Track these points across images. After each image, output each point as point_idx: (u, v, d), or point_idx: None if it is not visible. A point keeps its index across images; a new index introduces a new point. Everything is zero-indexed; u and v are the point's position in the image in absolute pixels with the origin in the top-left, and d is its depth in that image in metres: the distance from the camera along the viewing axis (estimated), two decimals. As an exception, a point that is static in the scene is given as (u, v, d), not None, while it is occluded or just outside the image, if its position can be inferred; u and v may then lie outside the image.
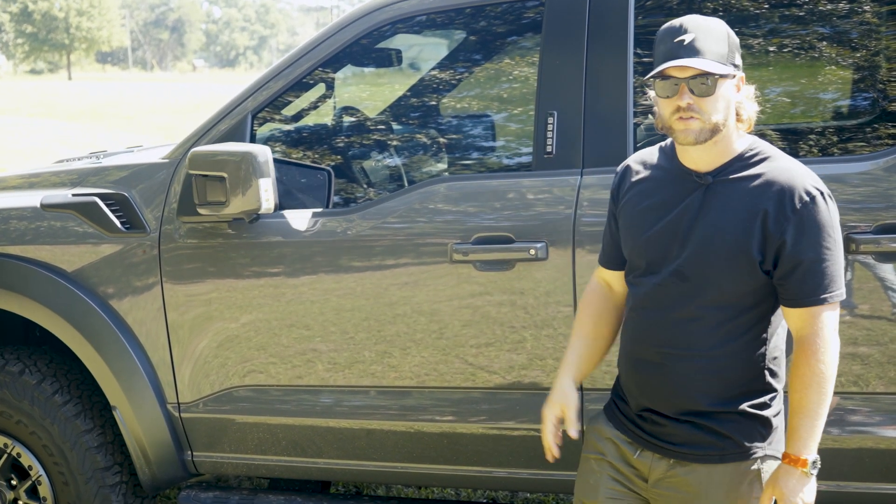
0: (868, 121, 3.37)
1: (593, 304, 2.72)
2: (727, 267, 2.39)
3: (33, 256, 3.64)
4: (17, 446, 3.72)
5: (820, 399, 2.36)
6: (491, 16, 3.61)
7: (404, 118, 4.32)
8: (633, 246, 2.54)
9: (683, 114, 2.35)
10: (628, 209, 2.56)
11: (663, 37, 2.39)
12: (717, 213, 2.40)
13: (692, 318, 2.43)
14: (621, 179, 2.61)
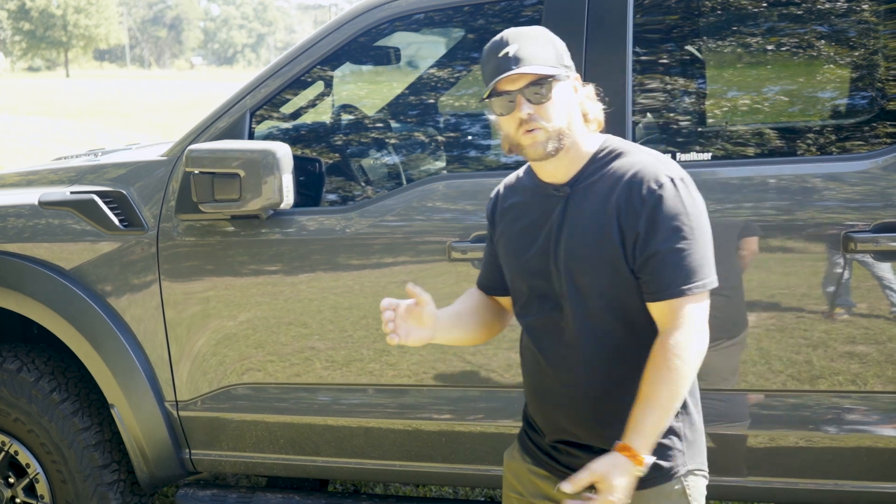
0: (866, 120, 3.37)
1: (472, 298, 2.61)
2: (600, 274, 2.29)
3: (31, 254, 3.63)
4: (15, 444, 3.71)
5: (671, 396, 2.19)
6: (489, 14, 3.60)
7: (402, 116, 4.32)
8: (512, 272, 2.47)
9: (527, 126, 2.27)
10: (504, 234, 2.49)
11: (488, 56, 2.33)
12: (575, 221, 2.33)
13: (589, 338, 2.32)
14: (494, 205, 2.55)
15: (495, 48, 2.30)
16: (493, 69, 2.29)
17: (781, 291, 3.01)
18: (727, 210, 3.04)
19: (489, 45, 2.33)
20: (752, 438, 3.08)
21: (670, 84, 3.38)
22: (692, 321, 2.23)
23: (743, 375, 3.06)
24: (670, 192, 2.24)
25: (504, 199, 2.52)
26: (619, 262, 2.27)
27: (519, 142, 2.30)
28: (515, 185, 2.52)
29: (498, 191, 2.56)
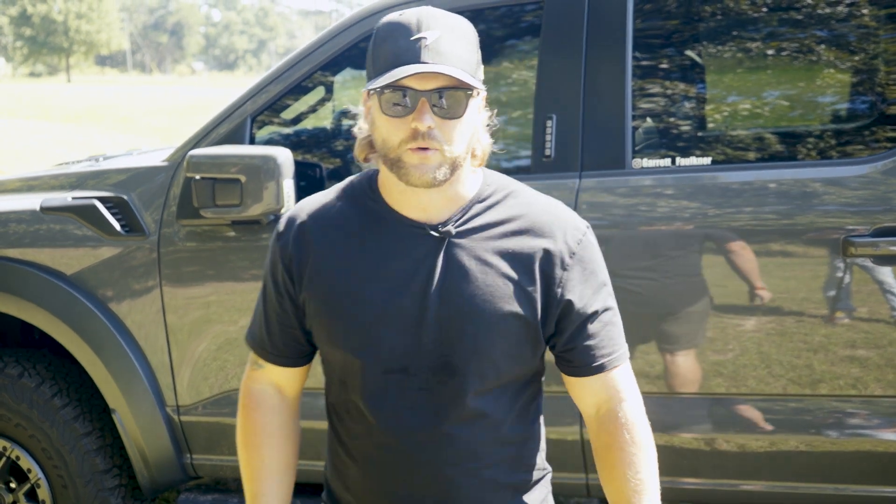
0: (866, 124, 3.37)
1: (270, 426, 2.04)
2: (501, 341, 1.85)
3: (32, 259, 3.64)
4: (16, 449, 3.71)
5: (655, 472, 1.94)
6: (489, 19, 3.61)
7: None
8: (346, 338, 1.87)
9: (421, 142, 1.75)
10: (322, 284, 1.88)
11: (391, 32, 1.77)
12: (473, 274, 1.83)
13: (475, 417, 1.87)
14: (297, 241, 1.90)
15: (405, 26, 1.76)
16: (396, 53, 1.75)
17: (782, 296, 3.01)
18: (727, 215, 3.04)
19: (394, 20, 1.79)
20: (754, 442, 3.08)
21: (670, 89, 3.38)
22: (635, 387, 1.96)
23: (743, 380, 3.06)
24: (594, 242, 1.93)
25: (317, 233, 1.89)
26: (533, 329, 1.87)
27: (400, 157, 1.77)
28: (336, 214, 1.90)
29: (301, 222, 1.92)
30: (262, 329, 2.02)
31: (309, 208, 1.94)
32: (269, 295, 1.98)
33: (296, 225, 1.92)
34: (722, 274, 3.06)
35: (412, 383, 1.86)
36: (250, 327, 2.08)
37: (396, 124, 1.77)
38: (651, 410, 3.14)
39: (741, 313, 3.05)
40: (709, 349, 3.07)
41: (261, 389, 2.05)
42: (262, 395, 2.05)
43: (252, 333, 2.06)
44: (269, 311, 1.99)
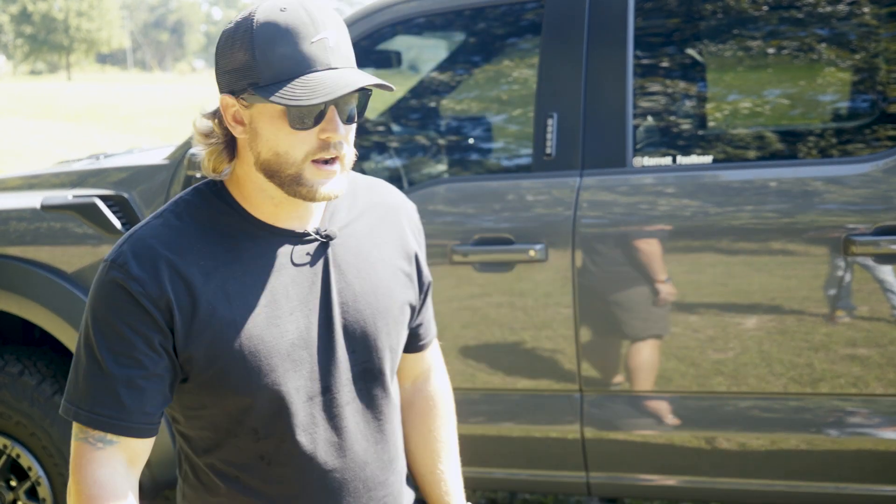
0: (867, 122, 3.37)
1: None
2: (403, 331, 1.83)
3: (33, 257, 3.64)
4: (17, 447, 3.71)
5: (456, 436, 1.95)
6: (490, 18, 3.61)
7: (404, 120, 4.32)
8: (261, 377, 1.66)
9: (330, 153, 1.62)
10: (218, 325, 1.64)
11: (288, 32, 1.57)
12: (365, 272, 1.77)
13: (393, 412, 1.84)
14: (169, 281, 1.63)
15: (302, 26, 1.58)
16: (302, 58, 1.57)
17: (782, 294, 3.01)
18: (728, 213, 3.04)
19: (285, 17, 1.58)
20: (754, 441, 3.08)
21: (671, 87, 3.38)
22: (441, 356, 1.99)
23: (744, 378, 3.06)
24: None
25: (189, 266, 1.64)
26: (412, 312, 1.86)
27: (301, 172, 1.61)
28: (199, 241, 1.67)
29: (156, 257, 1.63)
30: (114, 396, 1.62)
31: (159, 240, 1.64)
32: (125, 353, 1.62)
33: (157, 263, 1.62)
34: (722, 272, 3.06)
35: (337, 401, 1.74)
36: (80, 400, 1.65)
37: (302, 137, 1.60)
38: (651, 409, 3.15)
39: (742, 312, 3.05)
40: (709, 347, 3.07)
41: (111, 474, 1.63)
42: (116, 482, 1.63)
43: (91, 406, 1.63)
44: (132, 373, 1.62)
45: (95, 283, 1.67)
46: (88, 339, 1.66)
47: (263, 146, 1.63)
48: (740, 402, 3.09)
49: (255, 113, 1.62)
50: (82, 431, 1.65)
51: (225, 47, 1.63)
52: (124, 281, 1.62)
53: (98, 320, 1.64)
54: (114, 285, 1.63)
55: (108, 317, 1.63)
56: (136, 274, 1.61)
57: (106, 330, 1.63)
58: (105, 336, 1.63)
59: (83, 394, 1.65)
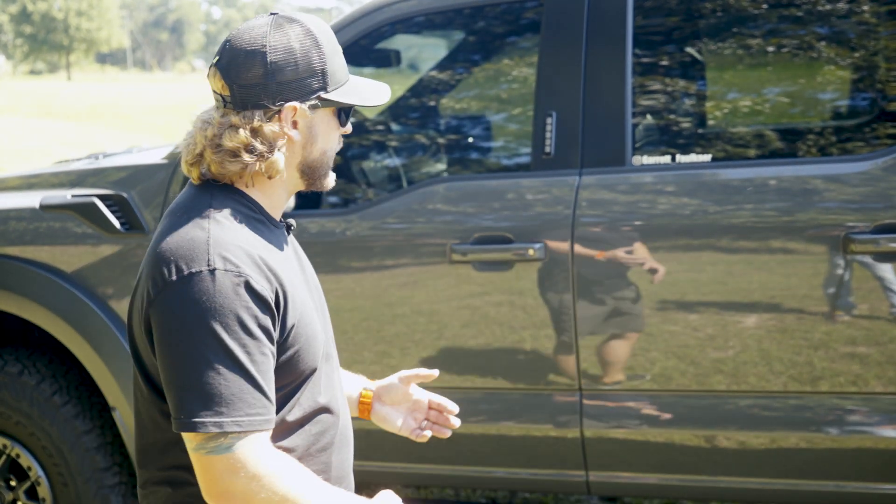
0: (867, 121, 3.37)
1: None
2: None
3: (32, 257, 3.63)
4: (17, 447, 3.71)
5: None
6: (490, 16, 3.61)
7: (403, 119, 4.32)
8: (315, 349, 1.86)
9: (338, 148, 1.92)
10: (295, 309, 1.81)
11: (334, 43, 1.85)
12: (306, 259, 2.02)
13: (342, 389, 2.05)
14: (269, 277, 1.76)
15: (334, 38, 1.86)
16: (343, 66, 1.86)
17: (782, 293, 3.01)
18: (728, 211, 3.04)
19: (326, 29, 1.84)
20: (754, 439, 3.08)
21: (670, 86, 3.38)
22: None
23: (744, 377, 3.06)
24: None
25: (268, 262, 1.78)
26: None
27: (331, 166, 1.90)
28: (254, 238, 1.80)
29: (251, 256, 1.75)
30: (261, 394, 1.71)
31: (239, 241, 1.76)
32: (261, 350, 1.72)
33: (255, 259, 1.75)
34: (722, 271, 3.06)
35: (333, 366, 1.97)
36: (228, 409, 1.68)
37: (337, 136, 1.89)
38: (650, 407, 3.15)
39: (742, 310, 3.04)
40: (709, 346, 3.06)
41: (277, 456, 1.75)
42: (280, 453, 1.76)
43: (244, 410, 1.69)
44: (267, 368, 1.73)
45: (205, 291, 1.69)
46: (214, 346, 1.68)
47: (316, 147, 1.84)
48: (740, 401, 3.09)
49: (317, 116, 1.83)
50: (226, 438, 1.68)
51: (291, 58, 1.77)
52: (245, 280, 1.71)
53: (226, 324, 1.68)
54: (235, 286, 1.69)
55: (241, 317, 1.69)
56: (249, 272, 1.71)
57: (238, 331, 1.69)
58: (238, 337, 1.69)
59: (227, 402, 1.68)
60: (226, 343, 1.68)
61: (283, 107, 1.78)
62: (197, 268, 1.70)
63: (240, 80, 1.78)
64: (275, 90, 1.77)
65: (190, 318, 1.68)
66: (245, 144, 1.78)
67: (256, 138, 1.78)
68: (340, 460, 1.95)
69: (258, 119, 1.78)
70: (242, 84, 1.78)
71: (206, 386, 1.67)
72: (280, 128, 1.79)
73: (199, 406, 1.67)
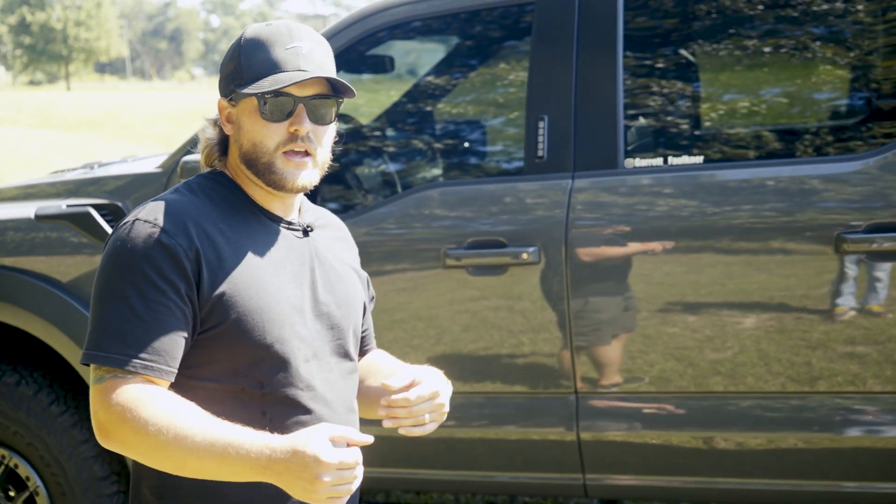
0: (861, 120, 3.37)
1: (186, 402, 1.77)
2: (358, 321, 2.06)
3: (28, 267, 3.63)
4: (15, 457, 3.71)
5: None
6: (486, 21, 3.61)
7: (399, 124, 4.33)
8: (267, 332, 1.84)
9: (298, 145, 1.86)
10: (233, 281, 1.82)
11: (264, 41, 1.86)
12: (335, 266, 2.01)
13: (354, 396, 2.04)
14: (197, 238, 1.81)
15: (278, 36, 1.87)
16: (274, 60, 1.85)
17: (780, 293, 3.01)
18: (724, 213, 3.04)
19: (264, 31, 1.88)
20: (752, 440, 3.07)
21: (662, 88, 3.38)
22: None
23: (742, 378, 3.05)
24: None
25: (209, 229, 1.84)
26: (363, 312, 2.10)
27: (273, 161, 1.86)
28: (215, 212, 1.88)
29: (183, 218, 1.82)
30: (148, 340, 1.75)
31: (181, 205, 1.84)
32: (158, 300, 1.76)
33: (184, 220, 1.81)
34: (719, 272, 3.05)
35: (325, 368, 1.94)
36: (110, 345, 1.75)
37: (273, 129, 1.86)
38: (648, 409, 3.15)
39: (739, 311, 3.04)
40: (707, 347, 3.06)
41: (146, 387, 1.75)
42: (153, 389, 1.76)
43: (124, 349, 1.74)
44: (165, 319, 1.76)
45: (120, 238, 1.81)
46: (115, 288, 1.78)
47: (244, 137, 1.89)
48: (739, 402, 3.09)
49: (240, 110, 1.89)
50: (109, 373, 1.75)
51: (224, 59, 1.94)
52: (156, 232, 1.79)
53: (128, 269, 1.78)
54: (145, 236, 1.79)
55: (141, 266, 1.77)
56: (166, 227, 1.79)
57: (137, 278, 1.77)
58: (136, 284, 1.77)
59: (114, 339, 1.76)
60: (122, 285, 1.77)
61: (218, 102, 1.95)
62: (125, 221, 1.83)
63: None
64: (220, 87, 1.94)
65: (104, 260, 1.82)
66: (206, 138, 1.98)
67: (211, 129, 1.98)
68: None
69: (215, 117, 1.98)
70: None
71: (99, 324, 1.78)
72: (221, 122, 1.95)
73: (89, 341, 1.78)
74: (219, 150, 1.96)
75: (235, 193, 1.93)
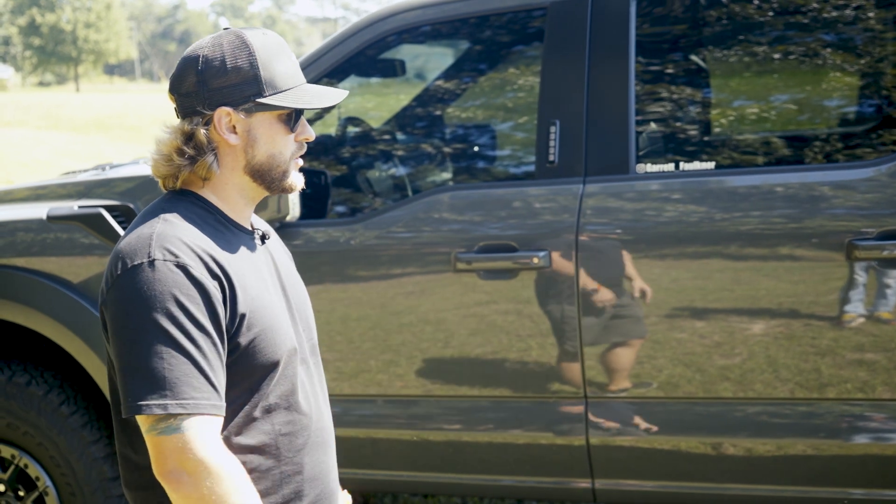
0: (873, 127, 3.37)
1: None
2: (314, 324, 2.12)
3: (40, 268, 3.65)
4: (25, 457, 3.72)
5: None
6: (495, 25, 3.62)
7: (409, 128, 4.33)
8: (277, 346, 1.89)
9: (302, 152, 1.96)
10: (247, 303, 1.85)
11: (276, 52, 1.90)
12: (290, 269, 2.08)
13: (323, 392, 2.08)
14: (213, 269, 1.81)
15: (281, 46, 1.91)
16: (291, 72, 1.91)
17: (789, 299, 3.01)
18: (735, 219, 3.04)
19: (266, 39, 1.90)
20: (761, 446, 3.07)
21: (673, 94, 3.38)
22: None
23: (751, 384, 3.05)
24: None
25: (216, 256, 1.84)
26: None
27: (288, 170, 1.93)
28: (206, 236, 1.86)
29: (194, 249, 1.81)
30: (204, 379, 1.75)
31: (180, 235, 1.82)
32: (203, 335, 1.76)
33: (195, 250, 1.81)
34: (728, 278, 3.05)
35: (310, 369, 2.01)
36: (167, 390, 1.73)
37: (288, 140, 1.91)
38: (657, 415, 3.15)
39: (748, 317, 3.04)
40: (716, 353, 3.06)
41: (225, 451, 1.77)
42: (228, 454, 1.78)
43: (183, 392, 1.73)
44: (211, 354, 1.77)
45: (145, 280, 1.76)
46: (155, 330, 1.74)
47: (260, 150, 1.90)
48: (747, 408, 3.09)
49: (255, 121, 1.89)
50: (175, 420, 1.72)
51: (221, 67, 1.86)
52: (182, 267, 1.77)
53: (167, 310, 1.74)
54: (173, 273, 1.76)
55: (180, 302, 1.75)
56: (187, 261, 1.78)
57: (179, 316, 1.75)
58: (178, 323, 1.75)
59: (171, 385, 1.73)
60: (167, 329, 1.74)
61: (214, 112, 1.88)
62: (139, 260, 1.78)
63: (180, 90, 1.90)
64: (206, 97, 1.87)
65: (133, 307, 1.75)
66: (175, 148, 1.89)
67: (188, 143, 1.89)
68: (315, 461, 1.99)
69: (194, 124, 1.88)
70: (182, 93, 1.90)
71: (151, 370, 1.73)
72: (213, 132, 1.89)
73: (145, 390, 1.72)
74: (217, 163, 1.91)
75: (210, 211, 1.92)
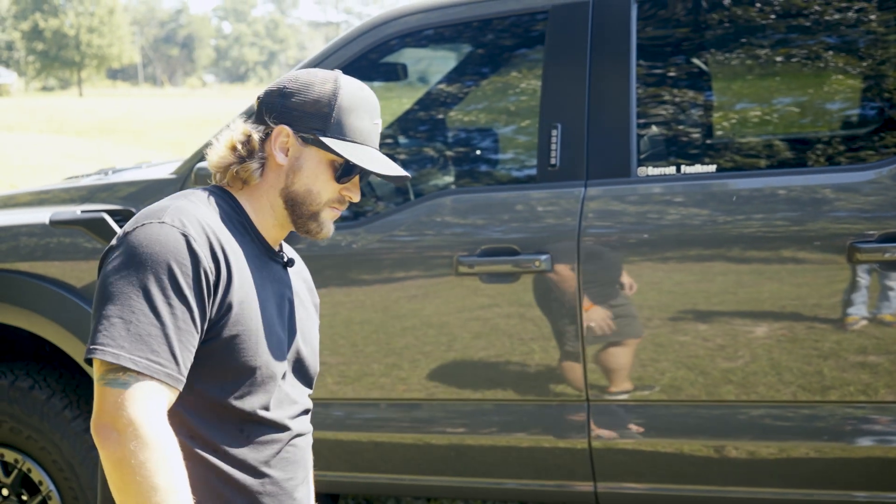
0: (875, 129, 3.37)
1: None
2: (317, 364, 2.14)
3: (43, 272, 3.65)
4: (28, 462, 3.72)
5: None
6: (498, 29, 3.62)
7: (410, 131, 4.34)
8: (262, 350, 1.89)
9: (342, 206, 2.00)
10: (240, 295, 1.86)
11: (361, 104, 1.97)
12: (306, 305, 2.12)
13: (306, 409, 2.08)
14: (213, 249, 1.82)
15: (372, 108, 1.99)
16: (366, 130, 1.97)
17: (792, 302, 3.01)
18: (737, 222, 3.04)
19: (363, 95, 1.98)
20: (763, 449, 3.07)
21: (675, 97, 3.38)
22: None
23: (753, 386, 3.05)
24: None
25: (223, 242, 1.86)
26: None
27: (319, 212, 1.97)
28: (223, 228, 1.89)
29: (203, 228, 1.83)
30: (168, 347, 1.73)
31: (198, 214, 1.85)
32: (182, 306, 1.75)
33: (204, 229, 1.83)
34: (731, 281, 3.06)
35: (288, 387, 2.00)
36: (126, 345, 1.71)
37: (332, 185, 1.96)
38: (659, 418, 3.15)
39: (751, 320, 3.04)
40: (718, 356, 3.06)
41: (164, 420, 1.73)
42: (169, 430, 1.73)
43: (141, 352, 1.71)
44: (184, 328, 1.76)
45: (147, 239, 1.77)
46: (139, 287, 1.74)
47: (300, 180, 1.95)
48: (750, 411, 3.09)
49: (307, 153, 1.95)
50: (123, 374, 1.71)
51: (304, 91, 1.94)
52: (186, 237, 1.79)
53: (156, 272, 1.75)
54: (176, 240, 1.78)
55: (171, 268, 1.76)
56: (192, 234, 1.80)
57: (164, 281, 1.75)
58: (163, 287, 1.75)
59: (132, 339, 1.72)
60: (149, 289, 1.74)
61: (275, 126, 1.94)
62: (149, 221, 1.80)
63: (265, 97, 1.98)
64: (278, 111, 1.94)
65: (129, 260, 1.76)
66: (233, 143, 1.95)
67: (245, 143, 1.95)
68: (285, 478, 1.97)
69: (257, 129, 1.96)
70: (263, 100, 1.98)
71: (119, 321, 1.72)
72: (269, 144, 1.95)
73: (107, 337, 1.72)
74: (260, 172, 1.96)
75: (241, 216, 1.97)
